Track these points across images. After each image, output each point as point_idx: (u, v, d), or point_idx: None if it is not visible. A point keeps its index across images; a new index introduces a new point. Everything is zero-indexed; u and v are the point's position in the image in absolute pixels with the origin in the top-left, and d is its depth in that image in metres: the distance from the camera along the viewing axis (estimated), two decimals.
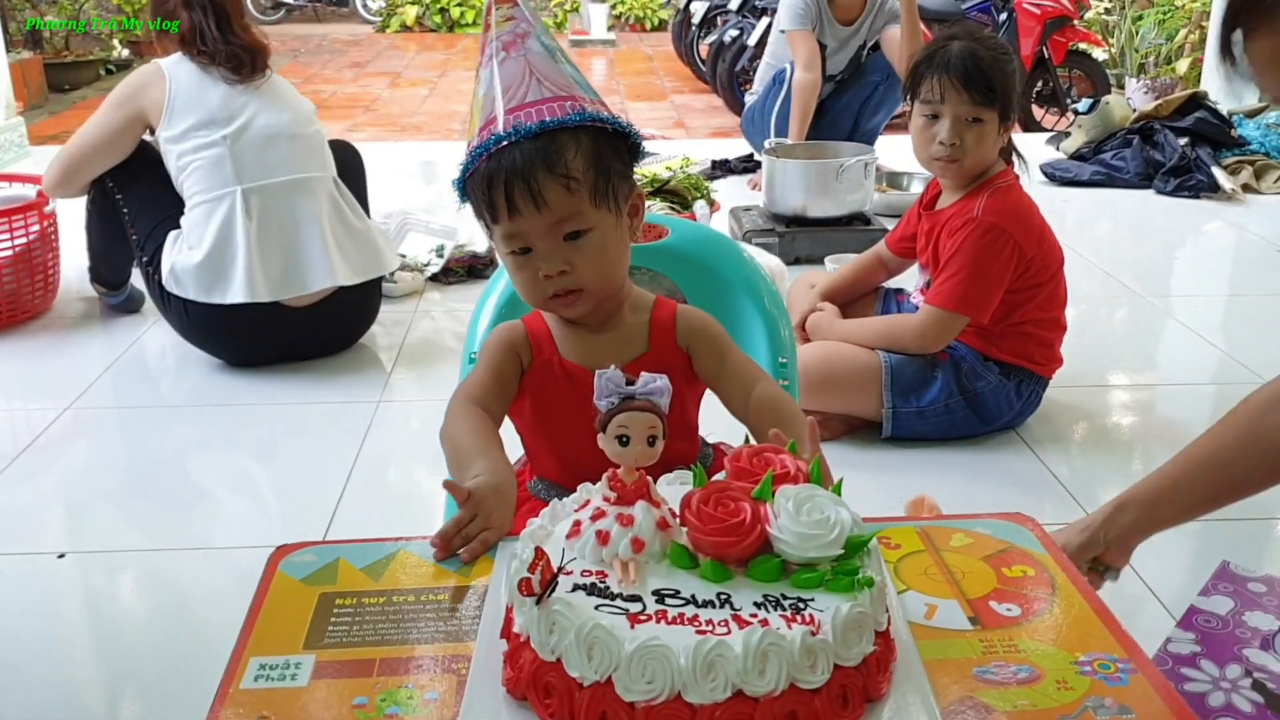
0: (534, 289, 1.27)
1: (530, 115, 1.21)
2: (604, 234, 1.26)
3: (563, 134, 1.21)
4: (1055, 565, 1.08)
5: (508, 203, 1.21)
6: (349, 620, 0.99)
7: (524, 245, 1.25)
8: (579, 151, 1.22)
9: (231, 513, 2.41)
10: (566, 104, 1.23)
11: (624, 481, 0.93)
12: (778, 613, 0.85)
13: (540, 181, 1.20)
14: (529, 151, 1.20)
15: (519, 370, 1.34)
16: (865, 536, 0.91)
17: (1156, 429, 2.76)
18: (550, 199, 1.21)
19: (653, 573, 0.90)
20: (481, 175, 1.23)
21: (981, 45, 2.31)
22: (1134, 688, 0.90)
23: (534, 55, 1.26)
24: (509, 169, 1.20)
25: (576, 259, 1.24)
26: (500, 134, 1.21)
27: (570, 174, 1.21)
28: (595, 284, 1.27)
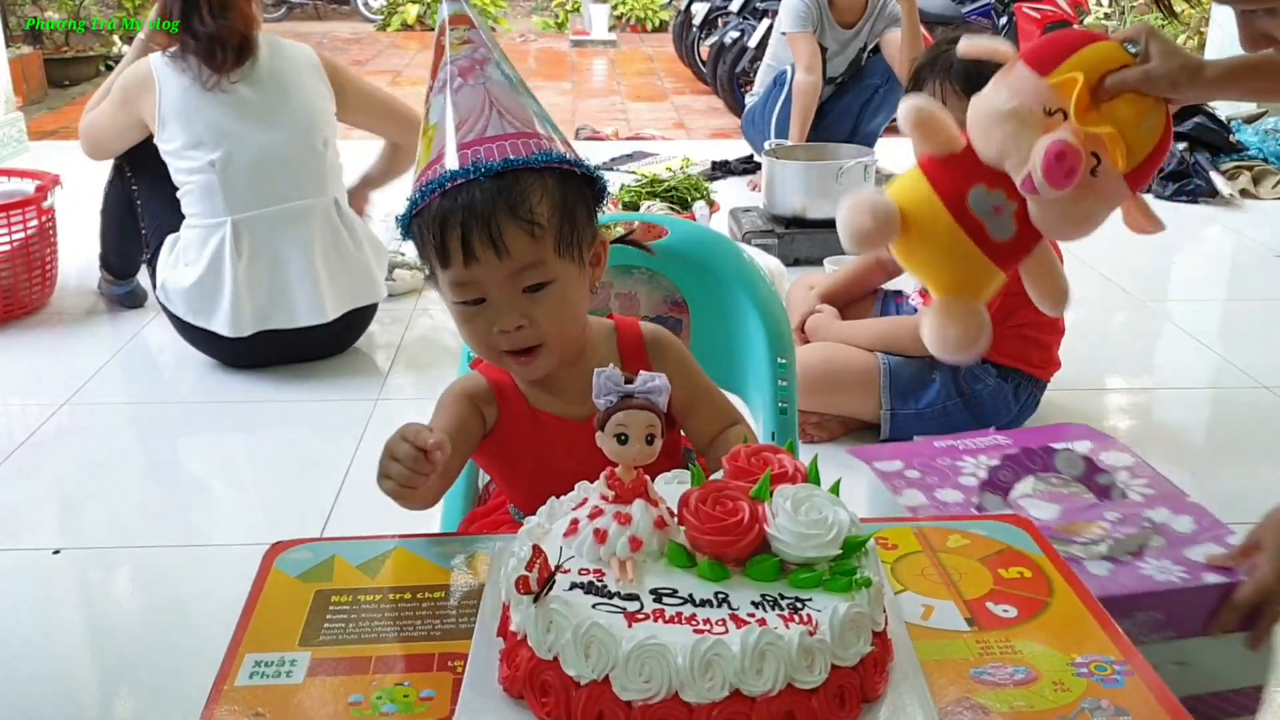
0: (486, 343, 1.18)
1: (491, 152, 1.11)
2: (566, 286, 1.16)
3: (527, 175, 1.11)
4: (1052, 567, 1.08)
5: (464, 247, 1.11)
6: (345, 617, 0.99)
7: (477, 296, 1.15)
8: (545, 195, 1.12)
9: (228, 510, 2.41)
10: (531, 141, 1.13)
11: (622, 480, 0.93)
12: (775, 612, 0.85)
13: (502, 225, 1.10)
14: (490, 192, 1.10)
15: (482, 426, 1.25)
16: (863, 537, 0.91)
17: (1154, 433, 2.76)
18: (512, 246, 1.11)
19: (650, 571, 0.89)
20: (433, 214, 1.12)
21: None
22: (1130, 689, 0.90)
23: (494, 85, 1.15)
24: (466, 209, 1.10)
25: (536, 312, 1.15)
26: (457, 169, 1.10)
27: (535, 219, 1.11)
28: (556, 339, 1.18)
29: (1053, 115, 1.34)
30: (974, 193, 1.36)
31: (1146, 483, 1.61)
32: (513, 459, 1.28)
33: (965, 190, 1.37)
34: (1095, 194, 1.40)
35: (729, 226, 4.09)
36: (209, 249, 2.85)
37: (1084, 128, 1.34)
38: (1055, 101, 1.36)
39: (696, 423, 1.29)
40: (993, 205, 1.36)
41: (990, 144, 1.36)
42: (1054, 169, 1.32)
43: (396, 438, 1.07)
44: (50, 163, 4.04)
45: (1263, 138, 5.02)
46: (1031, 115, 1.34)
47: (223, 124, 2.82)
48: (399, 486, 1.07)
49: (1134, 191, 1.45)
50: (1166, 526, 1.52)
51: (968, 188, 1.37)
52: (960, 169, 1.38)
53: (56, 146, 5.88)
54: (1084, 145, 1.34)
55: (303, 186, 2.90)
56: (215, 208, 2.84)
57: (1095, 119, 1.37)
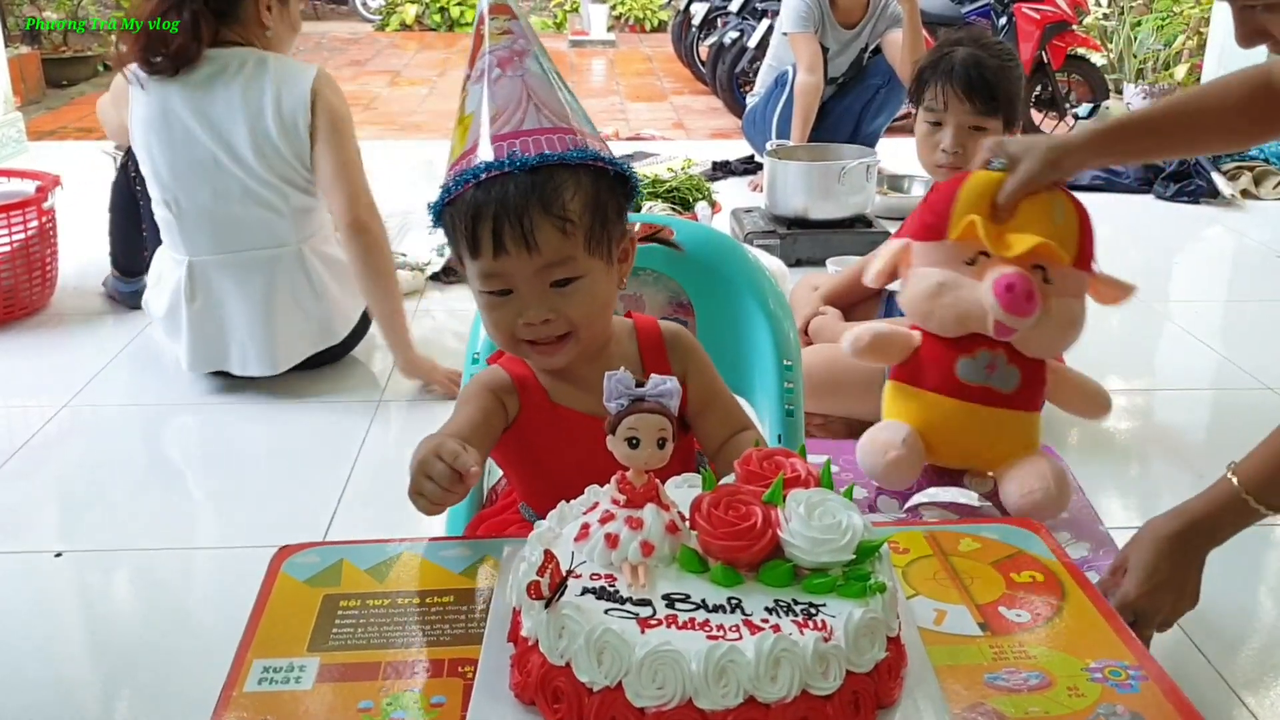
0: (509, 333, 1.18)
1: (527, 146, 1.11)
2: (595, 282, 1.17)
3: (561, 171, 1.12)
4: (1064, 571, 1.08)
5: (494, 240, 1.11)
6: (353, 623, 0.98)
7: (504, 287, 1.16)
8: (578, 192, 1.13)
9: (230, 513, 2.39)
10: (567, 137, 1.13)
11: (633, 484, 0.92)
12: (789, 618, 0.84)
13: (534, 221, 1.10)
14: (523, 186, 1.10)
15: (504, 418, 1.24)
16: (877, 541, 0.90)
17: (1155, 433, 2.75)
18: (542, 241, 1.11)
19: (662, 576, 0.89)
20: (466, 204, 1.12)
21: (986, 52, 2.30)
22: (1145, 695, 0.90)
23: (532, 78, 1.15)
24: (500, 202, 1.10)
25: (564, 306, 1.16)
26: (492, 161, 1.11)
27: (567, 216, 1.12)
28: (584, 334, 1.19)
29: (974, 263, 1.37)
30: (960, 369, 1.39)
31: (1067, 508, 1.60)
32: (531, 453, 1.27)
33: (952, 371, 1.40)
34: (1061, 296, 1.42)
35: (731, 227, 4.08)
36: (171, 283, 2.80)
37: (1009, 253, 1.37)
38: (968, 251, 1.39)
39: (708, 425, 1.28)
40: (985, 366, 1.40)
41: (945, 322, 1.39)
42: (1012, 301, 1.36)
43: (431, 456, 1.06)
44: (49, 163, 4.03)
45: None
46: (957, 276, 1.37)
47: (176, 166, 2.68)
48: (430, 504, 1.06)
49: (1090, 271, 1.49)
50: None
51: (953, 368, 1.40)
52: (933, 360, 1.40)
53: (55, 147, 5.87)
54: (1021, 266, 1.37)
55: (259, 237, 2.74)
56: (176, 244, 2.79)
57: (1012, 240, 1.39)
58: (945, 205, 1.44)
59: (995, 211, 1.45)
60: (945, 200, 1.44)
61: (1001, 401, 1.41)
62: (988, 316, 1.37)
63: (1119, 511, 2.30)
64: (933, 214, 1.45)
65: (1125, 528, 2.18)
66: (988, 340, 1.41)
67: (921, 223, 1.46)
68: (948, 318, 1.38)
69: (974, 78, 2.26)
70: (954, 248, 1.40)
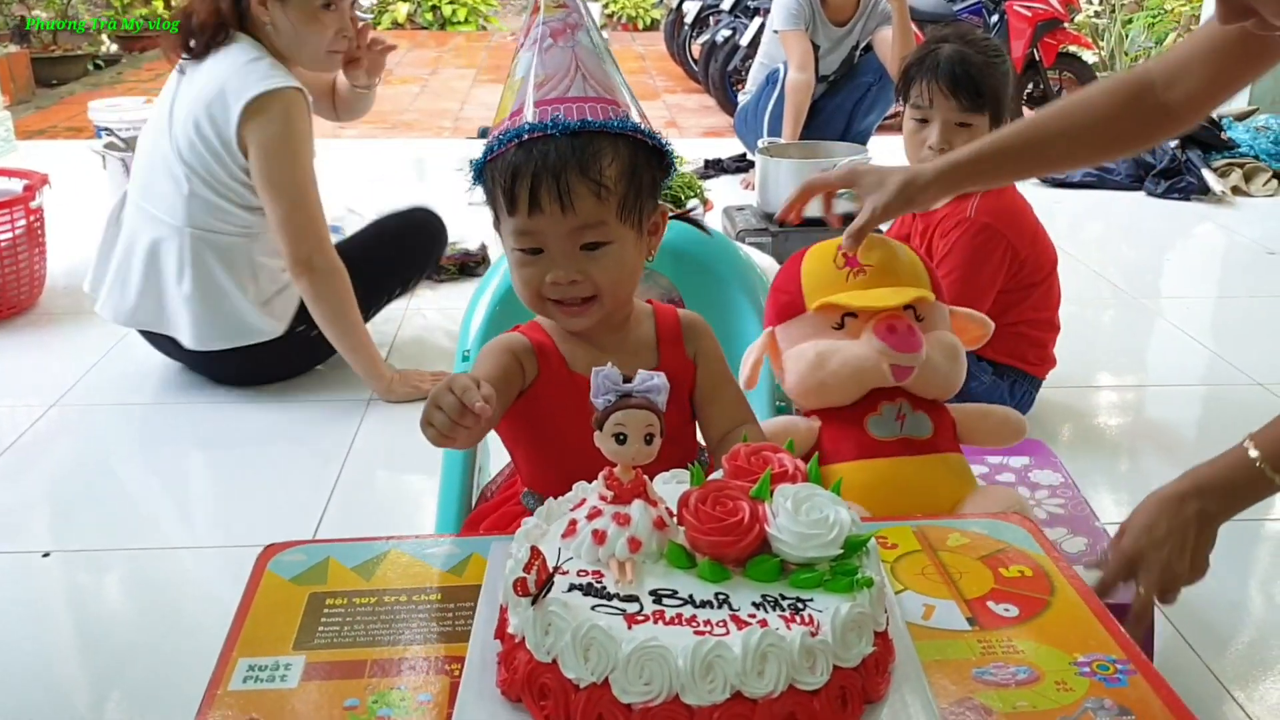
0: (535, 290, 1.21)
1: (571, 111, 1.14)
2: (624, 249, 1.19)
3: (601, 138, 1.15)
4: (1053, 565, 1.08)
5: (531, 198, 1.14)
6: (340, 620, 0.98)
7: (536, 245, 1.18)
8: (616, 159, 1.16)
9: (219, 512, 2.39)
10: (609, 108, 1.16)
11: (621, 480, 0.92)
12: (776, 613, 0.84)
13: (571, 182, 1.13)
14: (564, 149, 1.13)
15: (521, 380, 1.25)
16: (864, 536, 0.90)
17: (1146, 429, 2.76)
18: (578, 203, 1.14)
19: (650, 572, 0.88)
20: (506, 163, 1.15)
21: (972, 48, 2.30)
22: (1133, 689, 0.89)
23: (582, 49, 1.19)
24: (540, 162, 1.13)
25: (592, 269, 1.18)
26: (536, 123, 1.14)
27: (603, 181, 1.15)
28: (609, 298, 1.21)
29: (843, 327, 1.37)
30: (872, 428, 1.39)
31: (1061, 504, 1.61)
32: (544, 424, 1.28)
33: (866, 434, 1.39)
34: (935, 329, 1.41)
35: (722, 225, 4.07)
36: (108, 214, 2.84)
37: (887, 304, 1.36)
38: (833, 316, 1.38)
39: (713, 413, 1.30)
40: (894, 418, 1.40)
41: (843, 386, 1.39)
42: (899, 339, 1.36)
43: (444, 388, 1.06)
44: (37, 162, 4.02)
45: (1254, 135, 5.03)
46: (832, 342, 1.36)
47: (160, 102, 2.78)
48: (439, 434, 1.06)
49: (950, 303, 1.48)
50: (1054, 545, 1.49)
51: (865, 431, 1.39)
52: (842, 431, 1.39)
53: (44, 146, 5.85)
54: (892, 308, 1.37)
55: (158, 203, 2.71)
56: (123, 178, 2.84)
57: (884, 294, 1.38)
58: (794, 282, 1.44)
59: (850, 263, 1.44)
60: (793, 278, 1.44)
61: (924, 448, 1.41)
62: (880, 365, 1.37)
63: (1111, 507, 2.30)
64: (785, 293, 1.44)
65: (1117, 522, 2.19)
66: (886, 393, 1.40)
67: (777, 305, 1.45)
68: (845, 379, 1.37)
69: (959, 74, 2.26)
70: (817, 318, 1.40)
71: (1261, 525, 2.25)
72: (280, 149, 2.60)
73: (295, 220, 2.61)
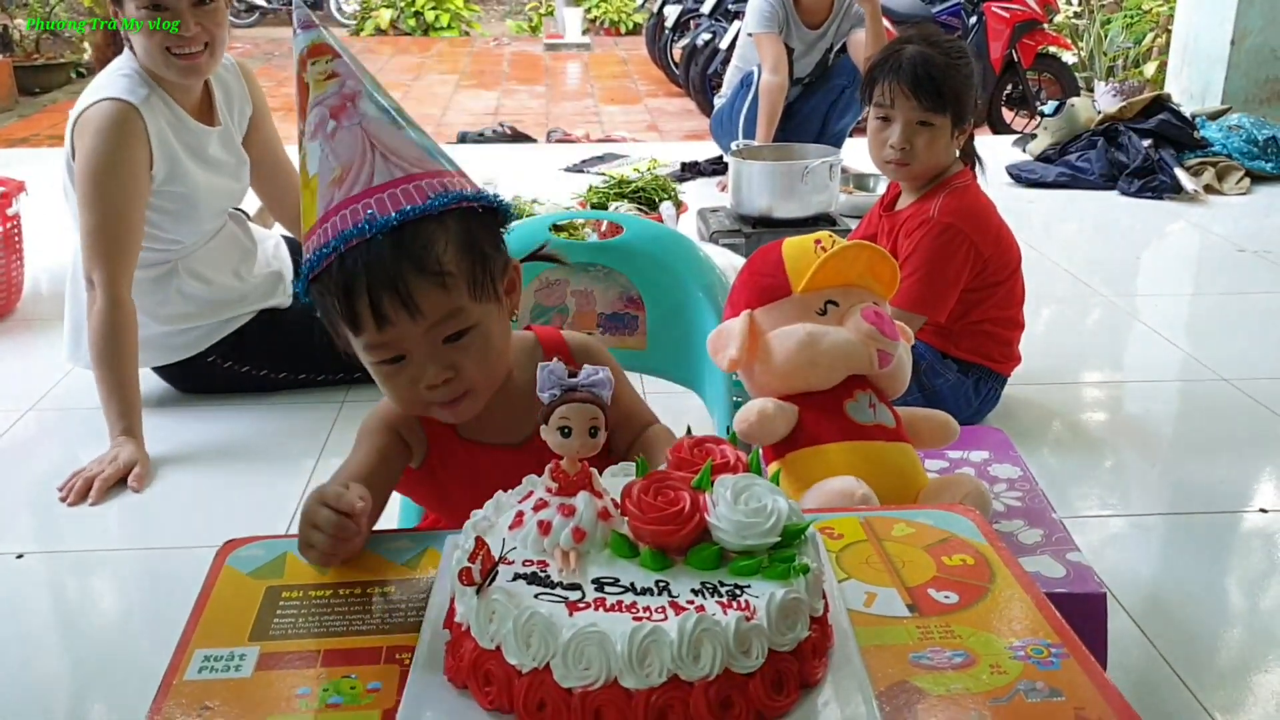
0: (412, 399, 1.14)
1: (384, 204, 1.04)
2: (487, 328, 1.13)
3: (426, 223, 1.05)
4: (995, 555, 1.10)
5: (374, 311, 1.06)
6: (295, 612, 1.00)
7: (395, 354, 1.11)
8: (449, 241, 1.07)
9: (193, 513, 2.40)
10: (424, 183, 1.06)
11: (567, 472, 0.94)
12: (714, 599, 0.86)
13: (411, 285, 1.05)
14: (390, 249, 1.03)
15: (406, 457, 1.21)
16: (802, 525, 0.92)
17: (1119, 426, 2.79)
18: (425, 303, 1.06)
19: (593, 562, 0.91)
20: (334, 279, 1.06)
21: (935, 49, 2.33)
22: (1065, 671, 0.92)
23: (371, 123, 1.07)
24: (369, 273, 1.04)
25: (461, 360, 1.12)
26: (351, 229, 1.04)
27: (444, 269, 1.07)
28: (483, 384, 1.15)
29: (825, 313, 1.40)
30: (851, 412, 1.42)
31: (1019, 496, 1.65)
32: (446, 491, 1.25)
33: (846, 417, 1.41)
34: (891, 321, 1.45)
35: (697, 226, 4.10)
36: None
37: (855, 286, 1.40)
38: (817, 302, 1.42)
39: (618, 435, 1.26)
40: (868, 406, 1.43)
41: (832, 366, 1.41)
42: (885, 326, 1.39)
43: (315, 504, 1.03)
44: (15, 169, 4.01)
45: (1226, 134, 5.07)
46: (819, 325, 1.39)
47: None
48: (322, 555, 1.03)
49: (915, 302, 1.47)
50: (1010, 536, 1.55)
51: (845, 414, 1.42)
52: (823, 415, 1.42)
53: (25, 154, 5.85)
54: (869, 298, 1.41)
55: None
56: None
57: (852, 287, 1.41)
58: (776, 266, 1.46)
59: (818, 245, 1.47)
60: (774, 262, 1.47)
61: (894, 436, 1.45)
62: (869, 349, 1.40)
63: (1077, 500, 2.33)
64: (768, 276, 1.46)
65: (1086, 516, 2.23)
66: (859, 382, 1.44)
67: (758, 289, 1.47)
68: (835, 359, 1.40)
69: (921, 75, 2.29)
70: (802, 301, 1.42)
71: (1237, 518, 2.29)
72: (91, 163, 2.47)
73: (92, 238, 2.47)
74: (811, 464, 1.39)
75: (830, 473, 1.36)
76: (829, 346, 1.39)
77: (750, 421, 1.39)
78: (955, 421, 1.53)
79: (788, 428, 1.41)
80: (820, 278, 1.40)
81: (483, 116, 7.34)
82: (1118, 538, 2.21)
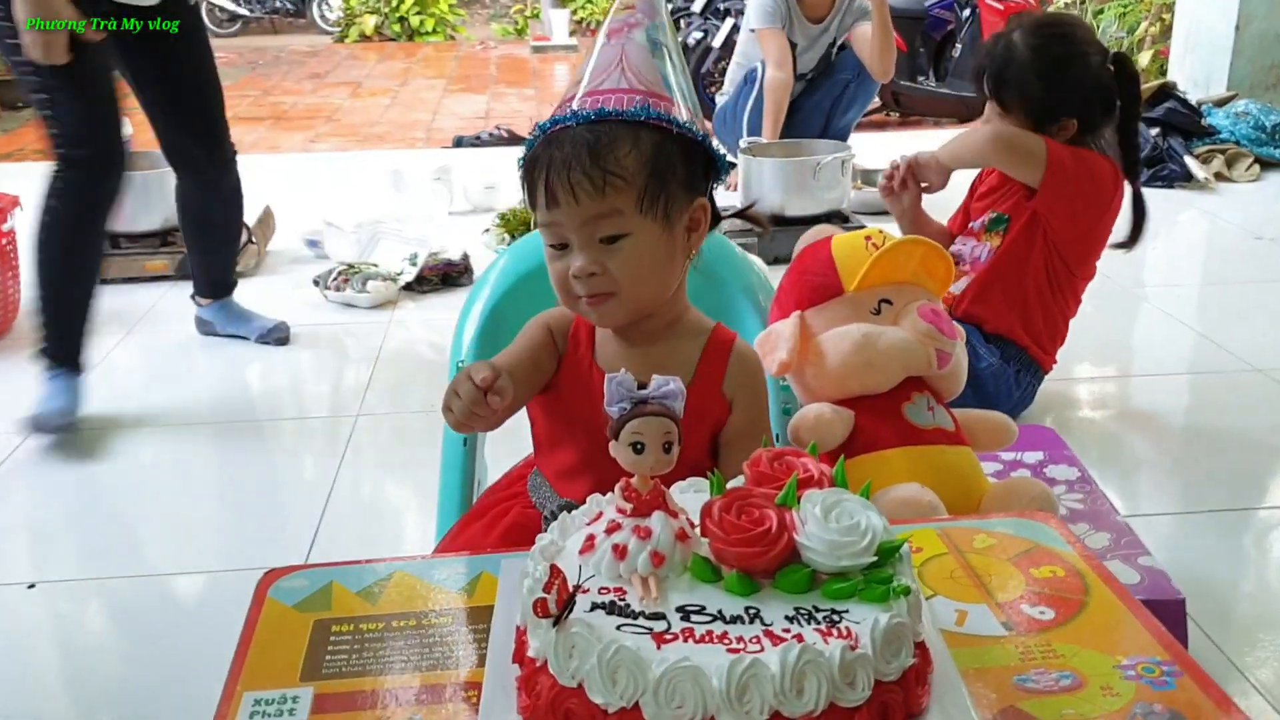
0: (563, 285, 1.18)
1: (597, 101, 1.13)
2: (645, 242, 1.15)
3: (620, 127, 1.12)
4: (1084, 564, 1.04)
5: (546, 189, 1.13)
6: (347, 648, 0.93)
7: (560, 239, 1.16)
8: (634, 149, 1.12)
9: (207, 536, 2.33)
10: (637, 97, 1.13)
11: (639, 491, 0.88)
12: (812, 626, 0.80)
13: (580, 173, 1.11)
14: (578, 139, 1.12)
15: (556, 355, 1.24)
16: (897, 541, 0.86)
17: (1136, 418, 2.73)
18: (587, 193, 1.12)
19: (674, 587, 0.84)
20: (530, 157, 1.17)
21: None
22: (1182, 691, 0.86)
23: (632, 45, 1.17)
24: (554, 154, 1.13)
25: (611, 264, 1.15)
26: (561, 116, 1.14)
27: (617, 171, 1.12)
28: (630, 293, 1.16)
29: (880, 313, 1.34)
30: (910, 415, 1.35)
31: (1080, 499, 1.59)
32: (557, 402, 1.26)
33: (906, 421, 1.35)
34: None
35: None
36: None
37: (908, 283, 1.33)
38: (870, 301, 1.35)
39: (734, 460, 1.20)
40: (926, 408, 1.37)
41: (889, 367, 1.35)
42: (945, 324, 1.32)
43: (463, 374, 1.09)
44: (7, 184, 3.93)
45: (1234, 120, 5.02)
46: (874, 325, 1.33)
47: None
48: (458, 420, 1.11)
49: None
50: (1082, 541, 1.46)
51: (904, 418, 1.35)
52: (880, 419, 1.35)
53: (13, 169, 5.76)
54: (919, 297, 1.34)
55: None
56: None
57: (906, 284, 1.35)
58: (826, 265, 1.40)
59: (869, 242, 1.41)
60: (824, 261, 1.41)
61: (954, 439, 1.38)
62: (927, 349, 1.33)
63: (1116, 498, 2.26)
64: (819, 275, 1.40)
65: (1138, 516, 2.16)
66: (916, 384, 1.38)
67: (808, 288, 1.41)
68: (892, 360, 1.34)
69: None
70: (856, 301, 1.36)
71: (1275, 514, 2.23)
72: None
73: None
74: (872, 471, 1.32)
75: (891, 480, 1.29)
76: (886, 347, 1.32)
77: (807, 428, 1.32)
78: (1013, 422, 1.46)
79: (845, 433, 1.34)
80: (873, 276, 1.34)
81: (473, 120, 7.27)
82: (1170, 537, 2.15)
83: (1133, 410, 2.80)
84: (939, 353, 1.33)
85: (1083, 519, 1.52)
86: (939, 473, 1.32)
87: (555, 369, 1.25)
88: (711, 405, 1.22)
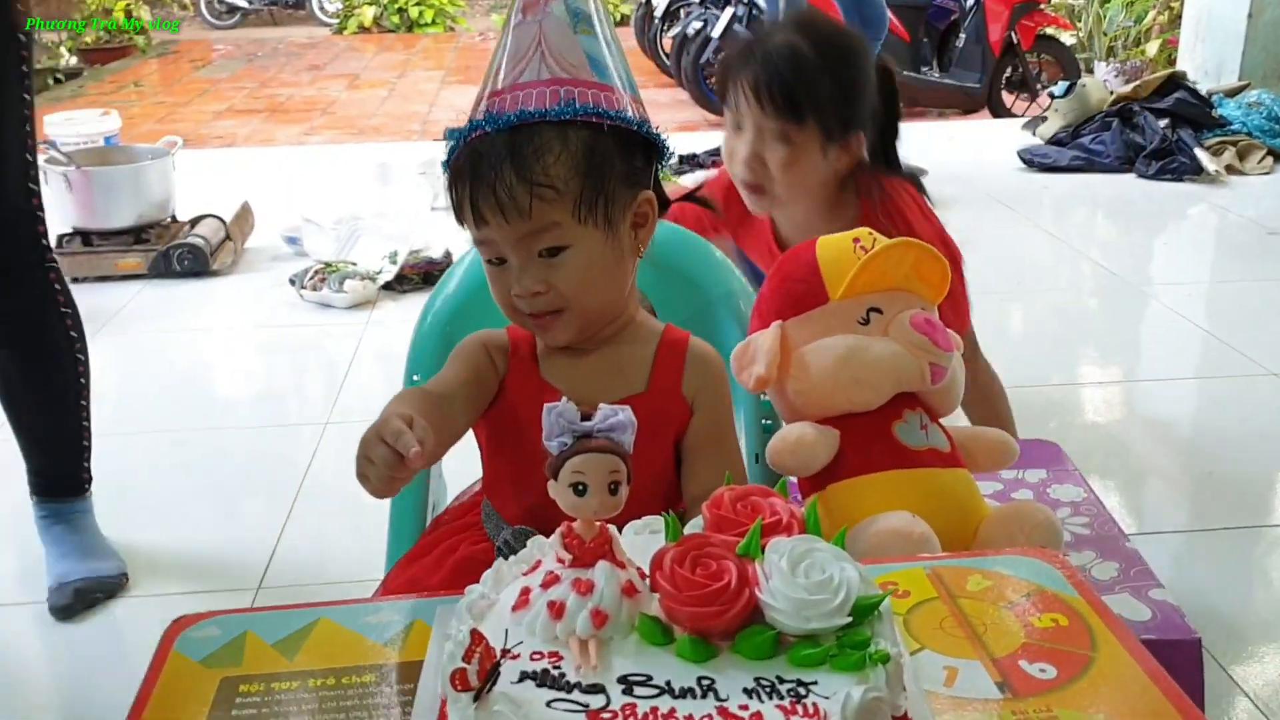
0: (508, 303, 1.10)
1: (516, 100, 1.03)
2: (588, 251, 1.06)
3: (547, 129, 1.03)
4: (1090, 611, 0.92)
5: (472, 207, 1.04)
6: (254, 711, 0.82)
7: (497, 255, 1.08)
8: (564, 153, 1.03)
9: (163, 552, 2.20)
10: (561, 90, 1.03)
11: (581, 537, 0.77)
12: (773, 701, 0.69)
13: (505, 192, 1.02)
14: (501, 149, 1.02)
15: (495, 376, 1.15)
16: (876, 598, 0.75)
17: (1145, 425, 2.62)
18: (519, 210, 1.02)
19: (618, 652, 0.73)
20: (454, 168, 1.06)
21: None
22: None
23: (550, 21, 1.05)
24: (475, 169, 1.03)
25: (555, 278, 1.06)
26: (479, 119, 1.04)
27: (546, 182, 1.02)
28: (579, 306, 1.08)
29: (868, 322, 1.21)
30: (900, 433, 1.22)
31: (1086, 522, 1.47)
32: (505, 425, 1.16)
33: (896, 441, 1.22)
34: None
35: None
36: None
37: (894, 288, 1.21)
38: (858, 310, 1.22)
39: (699, 468, 1.14)
40: (919, 427, 1.23)
41: (879, 382, 1.21)
42: (939, 334, 1.20)
43: (374, 437, 0.97)
44: None
45: (1246, 111, 4.90)
46: (861, 337, 1.20)
47: None
48: (376, 488, 0.98)
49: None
50: (1084, 572, 1.34)
51: (894, 438, 1.22)
52: (868, 439, 1.22)
53: None
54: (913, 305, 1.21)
55: None
56: None
57: (897, 291, 1.22)
58: (810, 270, 1.26)
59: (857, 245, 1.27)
60: (808, 266, 1.27)
61: (950, 461, 1.25)
62: (920, 362, 1.20)
63: (1124, 515, 2.15)
64: (802, 282, 1.26)
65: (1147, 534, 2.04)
66: (908, 400, 1.24)
67: (790, 296, 1.27)
68: (881, 375, 1.20)
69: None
70: (842, 310, 1.22)
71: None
72: None
73: None
74: (857, 497, 1.20)
75: (879, 507, 1.17)
76: (875, 361, 1.20)
77: (787, 450, 1.20)
78: (1014, 441, 1.33)
79: (829, 456, 1.22)
80: (862, 282, 1.22)
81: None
82: (1181, 558, 2.03)
83: (1140, 417, 2.68)
84: (933, 366, 1.21)
85: (1089, 545, 1.41)
86: (932, 498, 1.20)
87: (497, 390, 1.14)
88: (672, 410, 1.13)
